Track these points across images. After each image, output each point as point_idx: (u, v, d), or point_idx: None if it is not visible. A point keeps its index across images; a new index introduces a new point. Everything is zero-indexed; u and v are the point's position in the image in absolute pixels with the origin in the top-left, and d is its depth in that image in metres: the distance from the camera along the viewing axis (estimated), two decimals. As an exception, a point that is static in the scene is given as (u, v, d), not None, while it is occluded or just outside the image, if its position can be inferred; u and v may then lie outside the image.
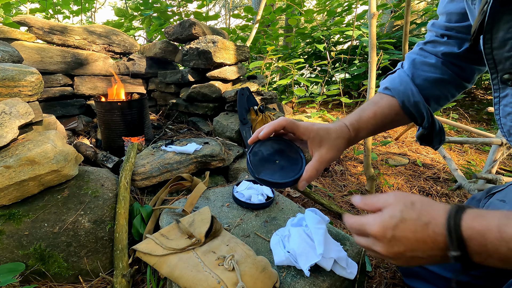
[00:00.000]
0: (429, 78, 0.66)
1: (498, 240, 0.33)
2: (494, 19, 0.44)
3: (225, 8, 8.91)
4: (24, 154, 0.83)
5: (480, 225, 0.34)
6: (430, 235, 0.37)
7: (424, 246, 0.38)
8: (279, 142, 0.62)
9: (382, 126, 0.68)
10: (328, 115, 2.28)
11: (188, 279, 0.65)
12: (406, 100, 0.66)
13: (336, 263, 0.70)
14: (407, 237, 0.38)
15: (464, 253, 0.35)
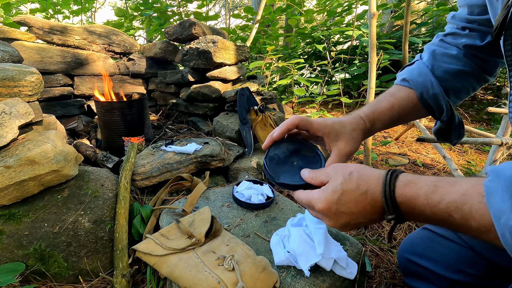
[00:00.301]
0: (449, 70, 0.63)
1: (424, 205, 0.38)
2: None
3: (225, 8, 8.91)
4: (24, 154, 0.83)
5: (411, 192, 0.39)
6: (369, 202, 0.41)
7: (365, 212, 0.42)
8: (293, 142, 0.60)
9: (399, 118, 0.66)
10: (328, 115, 2.28)
11: (188, 279, 0.65)
12: (425, 92, 0.64)
13: (336, 263, 0.70)
14: (350, 207, 0.42)
15: (398, 215, 0.40)
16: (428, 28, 3.57)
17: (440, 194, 0.37)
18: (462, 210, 0.35)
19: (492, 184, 0.33)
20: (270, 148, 0.59)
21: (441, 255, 0.74)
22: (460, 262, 0.71)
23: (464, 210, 0.35)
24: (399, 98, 0.65)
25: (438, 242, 0.76)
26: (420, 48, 3.39)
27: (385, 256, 1.01)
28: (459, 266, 0.71)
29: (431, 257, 0.75)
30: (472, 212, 0.34)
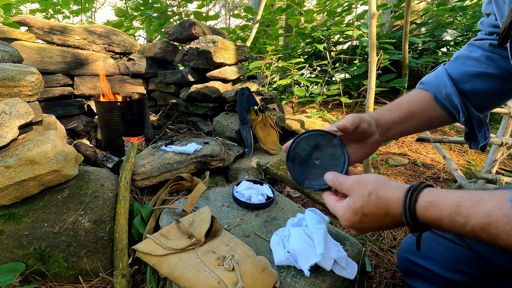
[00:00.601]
0: (468, 72, 0.63)
1: (449, 226, 0.39)
2: None
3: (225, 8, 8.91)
4: (24, 154, 0.83)
5: (433, 215, 0.39)
6: (391, 220, 0.43)
7: (387, 225, 0.45)
8: (313, 136, 0.57)
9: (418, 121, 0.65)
10: (328, 115, 2.28)
11: (188, 279, 0.65)
12: (438, 92, 0.64)
13: (336, 263, 0.70)
14: (373, 224, 0.45)
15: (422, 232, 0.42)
16: (428, 28, 3.56)
17: (464, 216, 0.37)
18: (489, 231, 0.36)
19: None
20: (290, 147, 0.58)
21: (441, 255, 0.74)
22: (460, 263, 0.71)
23: (491, 231, 0.35)
24: (409, 95, 0.67)
25: (438, 242, 0.76)
26: (420, 48, 3.39)
27: (385, 256, 1.01)
28: (459, 267, 0.71)
29: (431, 257, 0.75)
30: (499, 234, 0.35)
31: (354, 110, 2.75)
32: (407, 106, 0.66)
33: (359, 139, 0.61)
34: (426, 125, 0.68)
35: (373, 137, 0.61)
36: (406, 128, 0.65)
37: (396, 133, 0.65)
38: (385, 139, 0.64)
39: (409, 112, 0.65)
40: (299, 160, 0.58)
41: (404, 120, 0.65)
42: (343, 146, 0.56)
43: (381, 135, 0.63)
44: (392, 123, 0.64)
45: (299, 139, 0.58)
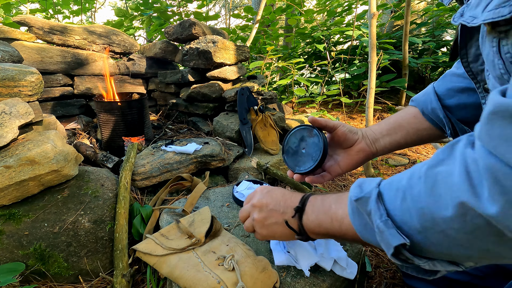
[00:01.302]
0: (453, 88, 0.68)
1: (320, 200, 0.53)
2: (467, 37, 0.48)
3: (225, 8, 8.91)
4: (24, 154, 0.83)
5: (310, 223, 0.52)
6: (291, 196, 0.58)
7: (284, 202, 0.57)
8: (299, 131, 0.69)
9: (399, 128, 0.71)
10: (328, 115, 2.28)
11: (188, 279, 0.65)
12: (425, 108, 0.70)
13: (336, 263, 0.70)
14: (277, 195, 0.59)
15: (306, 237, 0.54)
16: (428, 28, 3.56)
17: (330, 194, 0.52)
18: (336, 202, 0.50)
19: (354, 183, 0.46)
20: (284, 143, 0.70)
21: (441, 254, 0.74)
22: (460, 262, 0.71)
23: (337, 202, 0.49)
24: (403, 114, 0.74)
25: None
26: (420, 48, 3.39)
27: (385, 256, 1.01)
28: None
29: (431, 257, 0.75)
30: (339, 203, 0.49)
31: (354, 110, 2.75)
32: (394, 119, 0.73)
33: (343, 144, 0.68)
34: (415, 138, 0.72)
35: (358, 145, 0.68)
36: (394, 140, 0.70)
37: (385, 144, 0.70)
38: (373, 150, 0.69)
39: (396, 125, 0.71)
40: (291, 152, 0.69)
41: (391, 132, 0.70)
42: (321, 133, 0.65)
43: (368, 146, 0.69)
44: (380, 135, 0.70)
45: (289, 135, 0.70)
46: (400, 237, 0.37)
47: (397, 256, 0.38)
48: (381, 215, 0.39)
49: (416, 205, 0.36)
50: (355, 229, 0.44)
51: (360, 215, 0.43)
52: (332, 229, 0.49)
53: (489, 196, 0.28)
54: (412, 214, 0.36)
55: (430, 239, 0.35)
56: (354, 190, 0.44)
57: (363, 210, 0.42)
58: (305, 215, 0.53)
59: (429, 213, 0.34)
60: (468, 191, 0.30)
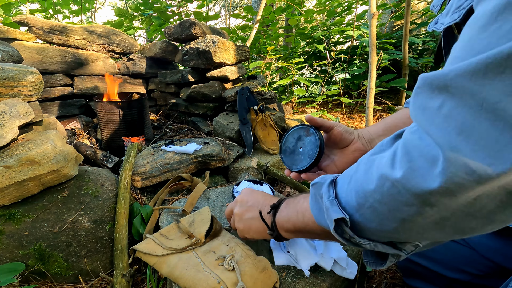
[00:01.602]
0: None
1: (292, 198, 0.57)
2: (449, 43, 0.51)
3: (225, 8, 8.90)
4: (24, 154, 0.83)
5: (281, 219, 0.56)
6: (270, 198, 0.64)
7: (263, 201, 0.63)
8: (296, 130, 0.70)
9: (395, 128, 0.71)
10: (328, 115, 2.28)
11: (188, 279, 0.65)
12: None
13: (336, 263, 0.70)
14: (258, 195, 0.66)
15: (277, 234, 0.58)
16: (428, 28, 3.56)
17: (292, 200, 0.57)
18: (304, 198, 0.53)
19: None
20: (281, 143, 0.72)
21: (441, 254, 0.74)
22: (460, 261, 0.71)
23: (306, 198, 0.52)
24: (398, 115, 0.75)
25: (437, 241, 0.76)
26: (420, 48, 3.39)
27: (385, 256, 1.01)
28: (459, 265, 0.71)
29: (431, 257, 0.75)
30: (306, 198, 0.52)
31: (354, 110, 2.75)
32: (390, 120, 0.74)
33: (339, 144, 0.70)
34: None
35: (354, 144, 0.69)
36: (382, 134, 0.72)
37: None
38: (369, 149, 0.70)
39: (392, 125, 0.73)
40: (289, 151, 0.71)
41: (387, 133, 0.72)
42: (317, 131, 0.66)
43: (364, 145, 0.70)
44: (375, 135, 0.72)
45: (286, 135, 0.72)
46: (340, 212, 0.40)
47: (341, 235, 0.41)
48: (329, 196, 0.43)
49: (356, 185, 0.39)
50: (312, 214, 0.47)
51: (316, 200, 0.46)
52: (297, 222, 0.52)
53: (399, 165, 0.32)
54: (352, 194, 0.40)
55: (364, 215, 0.38)
56: (316, 179, 0.48)
57: (318, 195, 0.45)
58: (279, 212, 0.57)
59: (361, 190, 0.38)
60: (388, 165, 0.34)
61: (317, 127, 0.68)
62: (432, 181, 0.29)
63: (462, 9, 0.38)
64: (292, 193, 1.38)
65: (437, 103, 0.29)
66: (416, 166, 0.30)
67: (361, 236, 0.41)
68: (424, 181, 0.29)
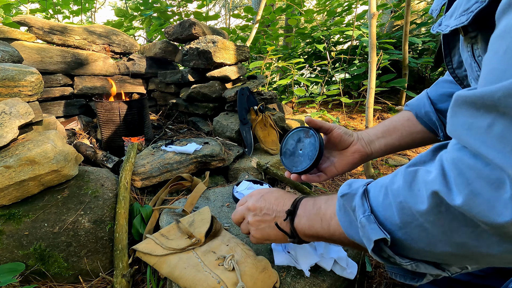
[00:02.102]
0: (445, 93, 0.70)
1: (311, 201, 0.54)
2: (451, 45, 0.51)
3: (225, 8, 8.90)
4: (24, 154, 0.83)
5: (301, 226, 0.53)
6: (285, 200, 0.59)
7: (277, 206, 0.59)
8: (296, 132, 0.70)
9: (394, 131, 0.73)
10: (328, 115, 2.28)
11: (188, 279, 0.65)
12: (418, 111, 0.73)
13: (336, 263, 0.70)
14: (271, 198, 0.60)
15: (298, 240, 0.55)
16: (428, 28, 3.56)
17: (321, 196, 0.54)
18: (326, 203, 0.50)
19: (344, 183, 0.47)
20: (281, 146, 0.72)
21: (441, 254, 0.74)
22: (459, 262, 0.71)
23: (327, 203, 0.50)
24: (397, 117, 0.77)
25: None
26: (420, 48, 3.39)
27: (385, 256, 1.01)
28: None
29: (431, 257, 0.75)
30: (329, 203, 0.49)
31: (354, 110, 2.75)
32: (389, 122, 0.75)
33: (339, 146, 0.70)
34: (409, 140, 0.74)
35: (354, 146, 0.70)
36: (389, 142, 0.72)
37: (380, 146, 0.72)
38: (369, 151, 0.71)
39: (391, 127, 0.74)
40: (289, 153, 0.71)
41: (386, 135, 0.73)
42: (317, 133, 0.66)
43: (363, 147, 0.70)
44: (375, 137, 0.72)
45: (286, 138, 0.71)
46: (380, 232, 0.37)
47: (378, 254, 0.39)
48: (364, 210, 0.40)
49: (396, 200, 0.36)
50: (341, 226, 0.44)
51: (346, 212, 0.43)
52: (321, 230, 0.49)
53: (456, 187, 0.30)
54: (393, 209, 0.37)
55: (410, 234, 0.35)
56: (342, 187, 0.46)
57: (349, 207, 0.43)
58: (297, 218, 0.54)
59: (408, 207, 0.35)
60: (441, 183, 0.31)
61: (317, 129, 0.68)
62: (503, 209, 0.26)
63: (470, 12, 0.37)
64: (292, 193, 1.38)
65: (485, 122, 0.28)
66: (478, 190, 0.28)
67: (401, 256, 0.38)
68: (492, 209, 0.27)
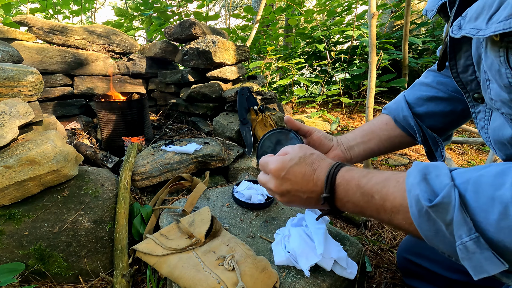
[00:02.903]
0: (422, 96, 0.71)
1: (355, 187, 0.45)
2: (456, 49, 0.49)
3: (225, 8, 8.90)
4: (24, 154, 0.83)
5: (348, 175, 0.46)
6: (314, 178, 0.48)
7: (306, 187, 0.49)
8: (274, 134, 0.67)
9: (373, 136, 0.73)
10: (328, 115, 2.28)
11: (188, 279, 0.65)
12: (396, 115, 0.73)
13: (336, 263, 0.70)
14: (296, 177, 0.49)
15: (331, 196, 0.46)
16: (428, 28, 3.57)
17: (368, 177, 0.44)
18: (381, 192, 0.42)
19: (412, 169, 0.40)
20: (258, 147, 0.67)
21: (440, 255, 0.74)
22: (459, 262, 0.71)
23: (383, 192, 0.42)
24: (375, 122, 0.76)
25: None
26: (420, 48, 3.39)
27: (385, 256, 1.01)
28: (458, 266, 0.70)
29: (430, 257, 0.75)
30: (388, 194, 0.41)
31: (354, 110, 2.75)
32: (368, 127, 0.75)
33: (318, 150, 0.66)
34: (388, 145, 0.74)
35: (334, 151, 0.69)
36: (369, 147, 0.72)
37: (359, 151, 0.72)
38: (348, 157, 0.71)
39: (369, 132, 0.74)
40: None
41: (365, 140, 0.73)
42: (298, 137, 0.64)
43: (343, 152, 0.70)
44: (354, 142, 0.72)
45: (263, 139, 0.67)
46: (500, 264, 0.31)
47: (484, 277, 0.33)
48: (469, 230, 0.32)
49: None
50: (421, 233, 0.38)
51: (431, 220, 0.36)
52: (377, 218, 0.44)
53: None
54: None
55: None
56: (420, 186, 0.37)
57: (439, 218, 0.35)
58: (338, 201, 0.47)
59: None
60: None
61: (296, 131, 0.66)
62: None
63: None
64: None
65: None
66: None
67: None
68: None
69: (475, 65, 0.45)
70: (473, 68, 0.47)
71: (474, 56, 0.44)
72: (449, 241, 0.35)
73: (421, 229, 0.37)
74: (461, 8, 0.45)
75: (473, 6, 0.40)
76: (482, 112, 0.51)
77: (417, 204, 0.36)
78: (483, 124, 0.51)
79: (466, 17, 0.42)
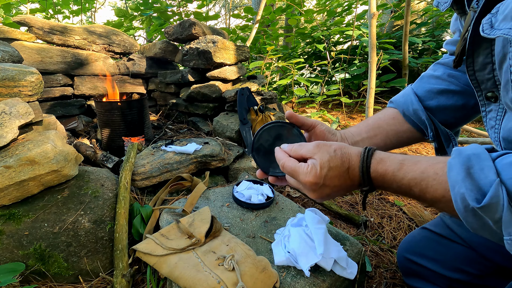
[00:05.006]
0: (432, 89, 0.67)
1: (391, 180, 0.45)
2: (475, 45, 0.47)
3: (225, 8, 8.90)
4: (24, 154, 0.83)
5: (381, 169, 0.46)
6: (350, 177, 0.48)
7: (345, 186, 0.49)
8: (274, 127, 0.61)
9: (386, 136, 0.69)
10: (328, 115, 2.28)
11: (188, 279, 0.65)
12: (406, 109, 0.69)
13: (336, 263, 0.70)
14: (334, 182, 0.48)
15: (371, 187, 0.47)
16: (428, 28, 3.57)
17: (404, 171, 0.44)
18: (420, 185, 0.42)
19: (453, 161, 0.39)
20: (254, 140, 0.60)
21: (441, 254, 0.74)
22: (459, 261, 0.71)
23: (422, 185, 0.42)
24: (377, 114, 0.73)
25: (437, 241, 0.76)
26: (420, 48, 3.39)
27: (385, 256, 1.01)
28: (459, 265, 0.71)
29: (431, 257, 0.75)
30: (428, 187, 0.41)
31: (354, 110, 2.75)
32: (373, 121, 0.71)
33: None
34: (394, 140, 0.70)
35: None
36: (374, 143, 0.69)
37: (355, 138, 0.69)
38: None
39: (375, 126, 0.70)
40: (263, 150, 0.60)
41: (371, 135, 0.69)
42: (302, 135, 0.60)
43: None
44: (359, 137, 0.68)
45: (261, 131, 0.60)
46: None
47: None
48: None
49: None
50: (466, 225, 0.38)
51: (478, 217, 0.36)
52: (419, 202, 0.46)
53: None
54: None
55: None
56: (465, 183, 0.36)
57: (487, 216, 0.35)
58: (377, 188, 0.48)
59: None
60: None
61: (298, 125, 0.61)
62: None
63: None
64: (292, 193, 1.38)
65: None
66: None
67: None
68: None
69: (497, 64, 0.44)
70: (492, 67, 0.46)
71: (498, 55, 0.42)
72: (496, 233, 0.35)
73: (466, 221, 0.38)
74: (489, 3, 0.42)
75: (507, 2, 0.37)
76: (494, 111, 0.50)
77: (463, 202, 0.36)
78: (494, 124, 0.50)
79: (497, 15, 0.39)
